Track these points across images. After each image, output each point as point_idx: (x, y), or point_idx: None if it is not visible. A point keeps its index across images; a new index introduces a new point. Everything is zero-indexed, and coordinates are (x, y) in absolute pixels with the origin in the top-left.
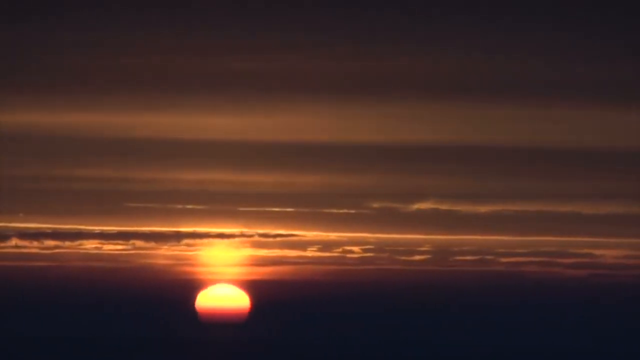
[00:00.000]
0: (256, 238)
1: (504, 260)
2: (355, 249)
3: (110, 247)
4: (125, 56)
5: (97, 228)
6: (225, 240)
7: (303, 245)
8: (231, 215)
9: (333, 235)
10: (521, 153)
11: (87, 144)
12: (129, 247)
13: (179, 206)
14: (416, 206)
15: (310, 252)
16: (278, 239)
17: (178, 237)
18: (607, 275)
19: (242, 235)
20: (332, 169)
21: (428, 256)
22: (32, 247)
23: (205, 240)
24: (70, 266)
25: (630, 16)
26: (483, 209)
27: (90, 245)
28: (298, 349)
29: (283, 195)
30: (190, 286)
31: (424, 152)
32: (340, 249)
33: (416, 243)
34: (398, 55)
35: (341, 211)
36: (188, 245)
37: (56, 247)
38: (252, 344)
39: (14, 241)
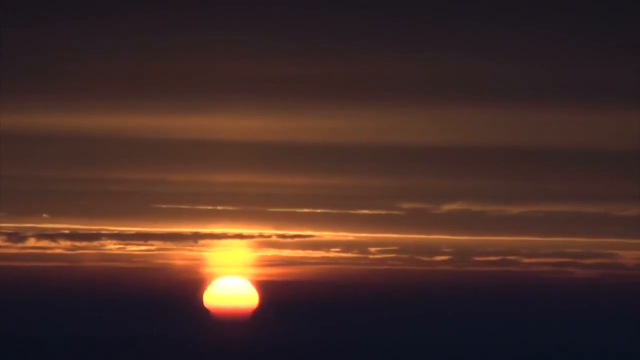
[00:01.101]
0: (274, 239)
1: (526, 261)
2: (377, 249)
3: (126, 248)
4: (157, 59)
5: (115, 229)
6: (244, 241)
7: (326, 246)
8: (261, 216)
9: (357, 236)
10: (549, 155)
11: (118, 145)
12: (147, 247)
13: (209, 207)
14: (446, 207)
15: (333, 253)
16: (296, 239)
17: (195, 237)
18: (629, 277)
19: (260, 236)
20: (364, 170)
21: (449, 257)
22: (50, 247)
23: (223, 241)
24: (87, 266)
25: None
26: (512, 210)
27: (110, 246)
28: (307, 349)
29: (313, 197)
30: (200, 285)
31: (455, 153)
32: (362, 250)
33: (440, 244)
34: (429, 61)
35: (371, 212)
36: (205, 246)
37: (76, 247)
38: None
39: (33, 241)
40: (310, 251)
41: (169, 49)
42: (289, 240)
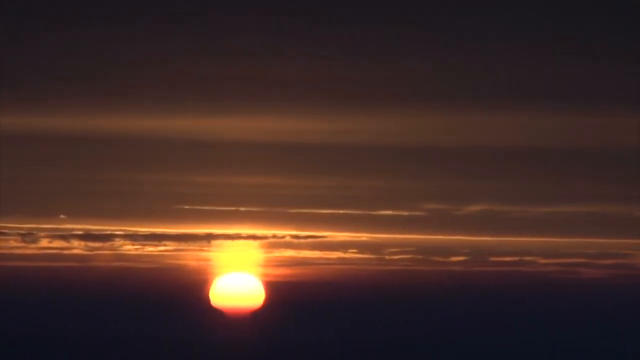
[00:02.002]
0: (287, 239)
1: (542, 261)
2: (393, 250)
3: (141, 248)
4: (182, 62)
5: (131, 229)
6: (258, 242)
7: (343, 247)
8: (283, 217)
9: (376, 237)
10: (571, 155)
11: (144, 147)
12: (159, 248)
13: (229, 208)
14: (469, 209)
15: (349, 254)
16: (309, 240)
17: (209, 238)
18: None
19: (273, 237)
20: (388, 172)
21: (465, 258)
22: (65, 248)
23: (236, 242)
24: (98, 267)
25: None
26: (533, 210)
27: (127, 246)
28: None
29: (336, 198)
30: (206, 284)
31: (477, 154)
32: (378, 251)
33: (457, 245)
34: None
35: (392, 213)
36: (217, 246)
37: (89, 248)
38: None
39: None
40: (326, 252)
41: (196, 52)
42: (302, 240)
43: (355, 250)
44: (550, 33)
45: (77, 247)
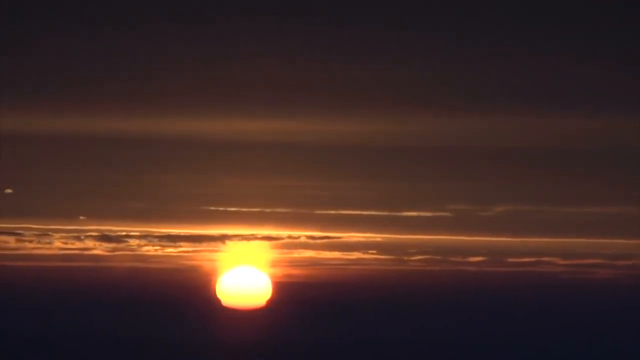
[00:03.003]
0: (302, 240)
1: (561, 262)
2: (413, 251)
3: (155, 249)
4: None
5: (143, 229)
6: (272, 242)
7: (364, 247)
8: (308, 218)
9: (397, 238)
10: (591, 157)
11: (161, 149)
12: (173, 249)
13: (257, 210)
14: (493, 209)
15: (369, 255)
16: (325, 240)
17: (223, 239)
18: None
19: (289, 237)
20: (414, 172)
21: (483, 258)
22: (83, 248)
23: (252, 242)
24: (112, 267)
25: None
26: (561, 211)
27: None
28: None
29: (360, 199)
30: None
31: (506, 155)
32: (397, 252)
33: (476, 245)
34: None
35: (417, 214)
36: (232, 247)
37: (104, 249)
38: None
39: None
40: (346, 253)
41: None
42: (318, 241)
43: (374, 251)
44: (570, 35)
45: (95, 248)
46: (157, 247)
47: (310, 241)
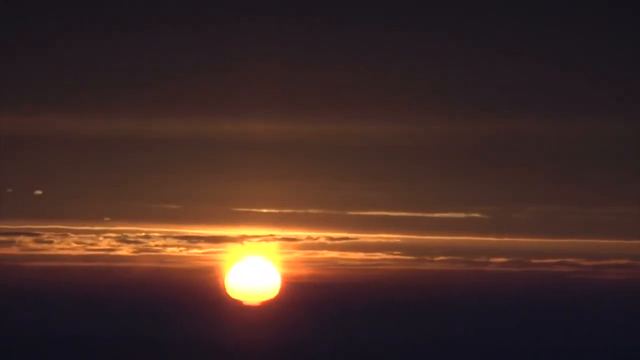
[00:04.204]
0: (322, 240)
1: (585, 263)
2: (437, 252)
3: (170, 249)
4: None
5: (162, 230)
6: (291, 243)
7: (389, 248)
8: (340, 219)
9: (423, 239)
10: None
11: (185, 149)
12: (191, 249)
13: (288, 211)
14: (523, 211)
15: (393, 256)
16: (343, 241)
17: (242, 240)
18: None
19: (308, 238)
20: (447, 174)
21: (507, 259)
22: (108, 249)
23: (270, 243)
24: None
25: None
26: (586, 212)
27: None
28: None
29: (393, 200)
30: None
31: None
32: (420, 252)
33: (500, 246)
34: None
35: (448, 215)
36: (249, 247)
37: (124, 249)
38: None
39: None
40: (370, 253)
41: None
42: (336, 242)
43: (398, 253)
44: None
45: (118, 249)
46: (173, 248)
47: (329, 242)
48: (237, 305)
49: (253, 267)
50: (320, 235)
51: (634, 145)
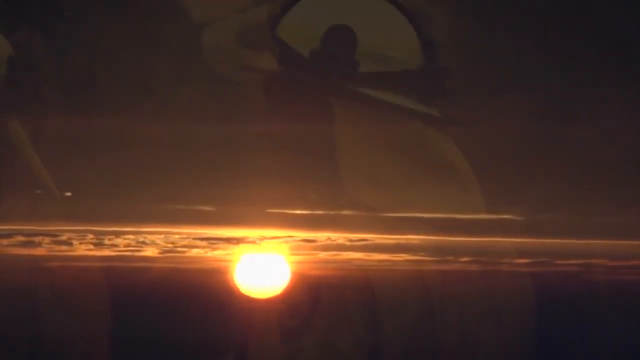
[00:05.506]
0: (340, 242)
1: (610, 264)
2: (458, 252)
3: (195, 250)
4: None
5: (188, 232)
6: (309, 244)
7: (414, 249)
8: (368, 220)
9: (451, 240)
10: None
11: (200, 150)
12: (206, 249)
13: (320, 212)
14: (560, 211)
15: (418, 257)
16: (362, 242)
17: (259, 240)
18: None
19: (328, 239)
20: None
21: (530, 260)
22: (126, 249)
23: (288, 244)
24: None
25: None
26: (614, 215)
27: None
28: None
29: (412, 201)
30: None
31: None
32: (444, 253)
33: (525, 247)
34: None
35: (486, 217)
36: (266, 247)
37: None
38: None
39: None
40: (396, 254)
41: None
42: (355, 243)
43: (423, 254)
44: None
45: (142, 250)
46: (198, 250)
47: (348, 243)
48: (252, 304)
49: (269, 267)
50: (340, 236)
51: None
